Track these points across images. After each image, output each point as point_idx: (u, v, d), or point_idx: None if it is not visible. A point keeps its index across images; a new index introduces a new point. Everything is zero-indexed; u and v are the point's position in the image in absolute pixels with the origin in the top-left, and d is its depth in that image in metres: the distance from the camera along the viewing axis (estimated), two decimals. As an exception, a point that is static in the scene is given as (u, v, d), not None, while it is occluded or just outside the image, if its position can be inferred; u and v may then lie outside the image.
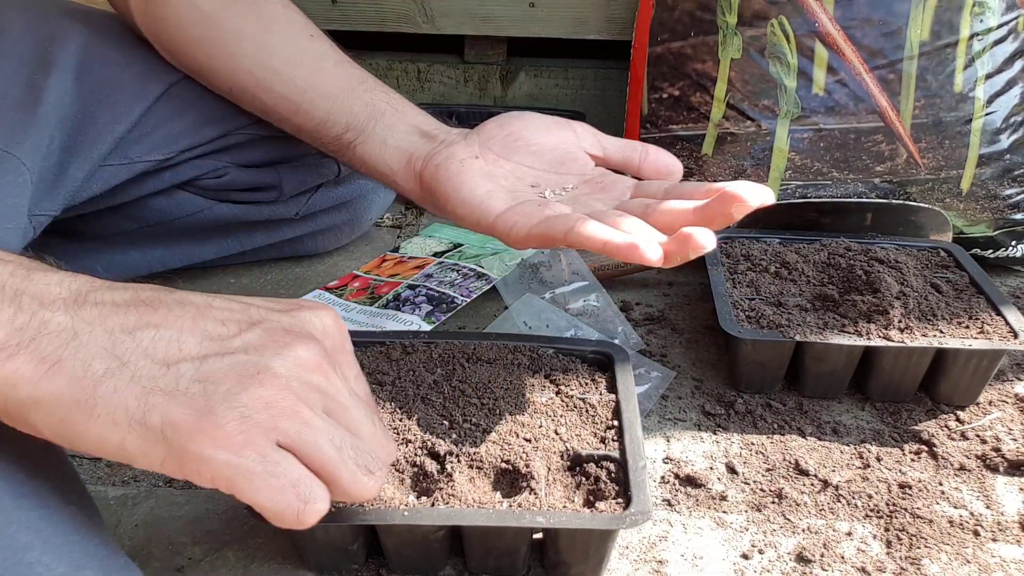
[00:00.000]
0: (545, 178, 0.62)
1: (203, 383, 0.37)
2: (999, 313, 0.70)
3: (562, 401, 0.59)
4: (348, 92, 0.68)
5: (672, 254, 0.48)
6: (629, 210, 0.55)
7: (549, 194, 0.60)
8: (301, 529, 0.38)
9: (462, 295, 0.80)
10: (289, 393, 0.38)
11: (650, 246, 0.48)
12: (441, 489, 0.51)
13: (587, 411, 0.58)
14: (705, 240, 0.46)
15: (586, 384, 0.61)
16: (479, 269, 0.85)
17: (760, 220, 0.86)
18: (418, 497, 0.52)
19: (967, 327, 0.68)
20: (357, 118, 0.67)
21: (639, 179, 0.62)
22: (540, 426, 0.57)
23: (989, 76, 0.83)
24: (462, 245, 0.91)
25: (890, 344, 0.66)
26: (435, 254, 0.90)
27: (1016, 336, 0.67)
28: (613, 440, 0.55)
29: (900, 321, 0.67)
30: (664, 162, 0.63)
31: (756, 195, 0.48)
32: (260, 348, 0.39)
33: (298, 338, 0.40)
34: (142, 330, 0.38)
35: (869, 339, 0.66)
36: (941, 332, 0.67)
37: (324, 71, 0.69)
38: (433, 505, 0.50)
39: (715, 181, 0.87)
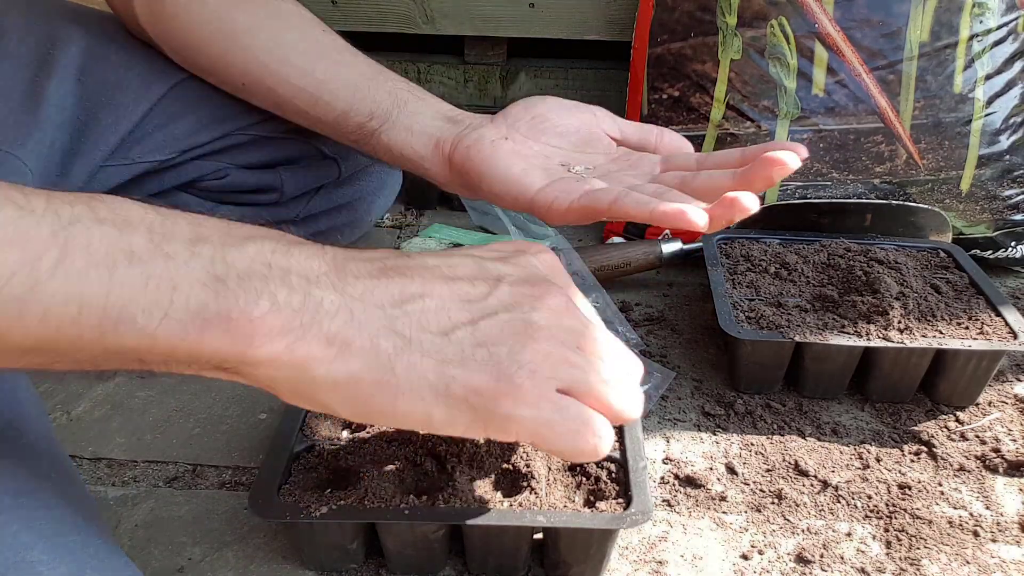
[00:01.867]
0: (573, 157, 0.64)
1: (485, 347, 0.39)
2: (998, 314, 0.70)
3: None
4: (370, 81, 0.68)
5: (717, 218, 0.49)
6: (665, 183, 0.56)
7: (580, 170, 0.62)
8: (586, 460, 0.43)
9: None
10: (556, 342, 0.40)
11: (696, 211, 0.49)
12: (441, 489, 0.51)
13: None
14: (750, 203, 0.48)
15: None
16: None
17: (760, 221, 0.86)
18: (418, 496, 0.52)
19: (967, 328, 0.68)
20: (380, 106, 0.68)
21: None
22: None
23: (989, 77, 0.83)
24: (462, 246, 0.91)
25: (889, 345, 0.66)
26: None
27: (1015, 337, 0.67)
28: (613, 440, 0.55)
29: (900, 322, 0.67)
30: (677, 144, 0.65)
31: (794, 158, 0.50)
32: (516, 305, 0.41)
33: (541, 288, 0.42)
34: (409, 302, 0.39)
35: (869, 340, 0.66)
36: (940, 333, 0.67)
37: (343, 62, 0.70)
38: (433, 504, 0.50)
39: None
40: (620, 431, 0.56)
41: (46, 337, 0.33)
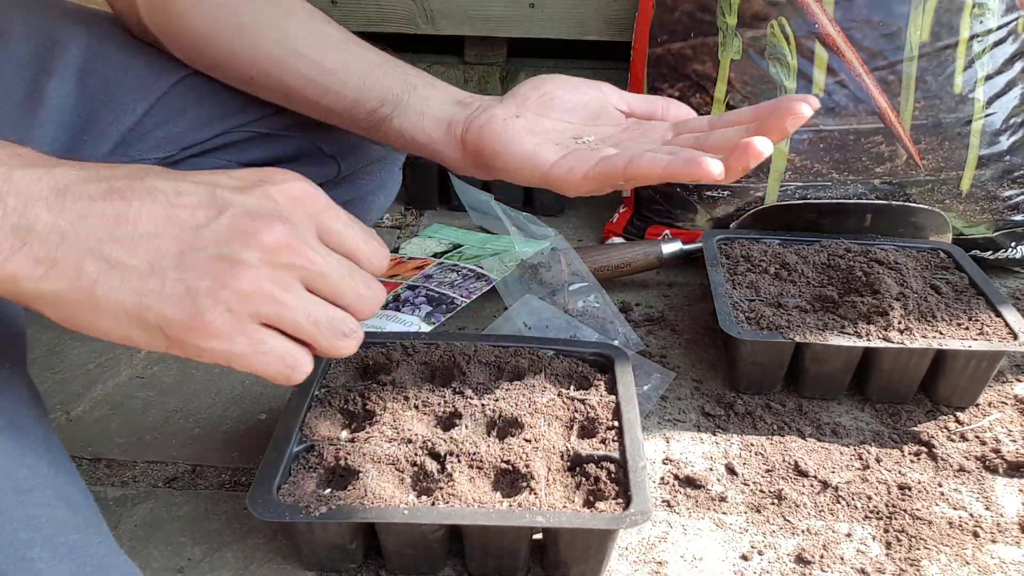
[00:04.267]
0: (585, 130, 0.65)
1: (185, 281, 0.41)
2: (999, 314, 0.70)
3: (562, 402, 0.59)
4: (378, 68, 0.69)
5: (732, 166, 0.50)
6: (679, 144, 0.57)
7: (591, 140, 0.63)
8: (292, 385, 0.43)
9: (462, 295, 0.80)
10: (263, 279, 0.42)
11: (711, 160, 0.50)
12: (441, 489, 0.51)
13: (587, 412, 0.58)
14: (764, 147, 0.48)
15: (586, 385, 0.61)
16: (479, 270, 0.84)
17: (760, 221, 0.86)
18: (418, 496, 0.52)
19: (967, 328, 0.68)
20: (391, 92, 0.68)
21: None
22: (540, 426, 0.57)
23: (989, 77, 0.83)
24: (462, 246, 0.91)
25: (889, 345, 0.66)
26: (435, 255, 0.90)
27: (1016, 337, 0.67)
28: (613, 441, 0.55)
29: (900, 322, 0.67)
30: (684, 114, 0.66)
31: (807, 108, 0.51)
32: (229, 240, 0.42)
33: (264, 222, 0.42)
34: (122, 227, 0.41)
35: (868, 340, 0.66)
36: (940, 333, 0.67)
37: (352, 52, 0.70)
38: (433, 504, 0.50)
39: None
40: (620, 432, 0.56)
41: None
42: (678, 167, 0.52)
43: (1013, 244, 0.87)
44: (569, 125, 0.65)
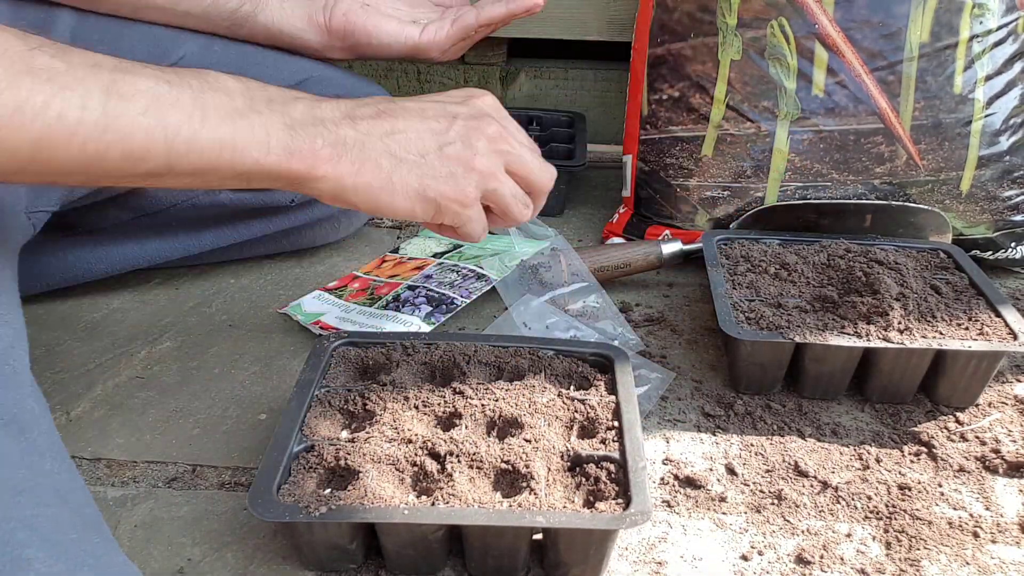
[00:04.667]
0: (415, 14, 0.82)
1: (447, 166, 0.57)
2: (998, 315, 0.70)
3: (562, 402, 0.59)
4: None
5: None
6: None
7: (425, 21, 0.81)
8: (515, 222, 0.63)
9: (461, 295, 0.80)
10: (490, 164, 0.59)
11: None
12: (441, 489, 0.51)
13: (587, 412, 0.58)
14: None
15: (586, 385, 0.61)
16: (479, 270, 0.84)
17: (760, 222, 0.86)
18: (418, 497, 0.52)
19: (967, 329, 0.68)
20: None
21: None
22: (540, 427, 0.57)
23: (989, 78, 0.83)
24: (462, 246, 0.91)
25: (889, 345, 0.66)
26: (435, 255, 0.90)
27: (1016, 338, 0.67)
28: (613, 441, 0.55)
29: (899, 323, 0.67)
30: None
31: None
32: (466, 136, 0.58)
33: (484, 122, 0.60)
34: (398, 133, 0.57)
35: (868, 340, 0.66)
36: (940, 334, 0.67)
37: None
38: (433, 505, 0.50)
39: (714, 181, 0.87)
40: (620, 432, 0.56)
41: (201, 168, 0.50)
42: (514, 5, 0.78)
43: (1013, 244, 0.87)
44: (400, 9, 0.82)
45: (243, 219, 0.85)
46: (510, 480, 0.53)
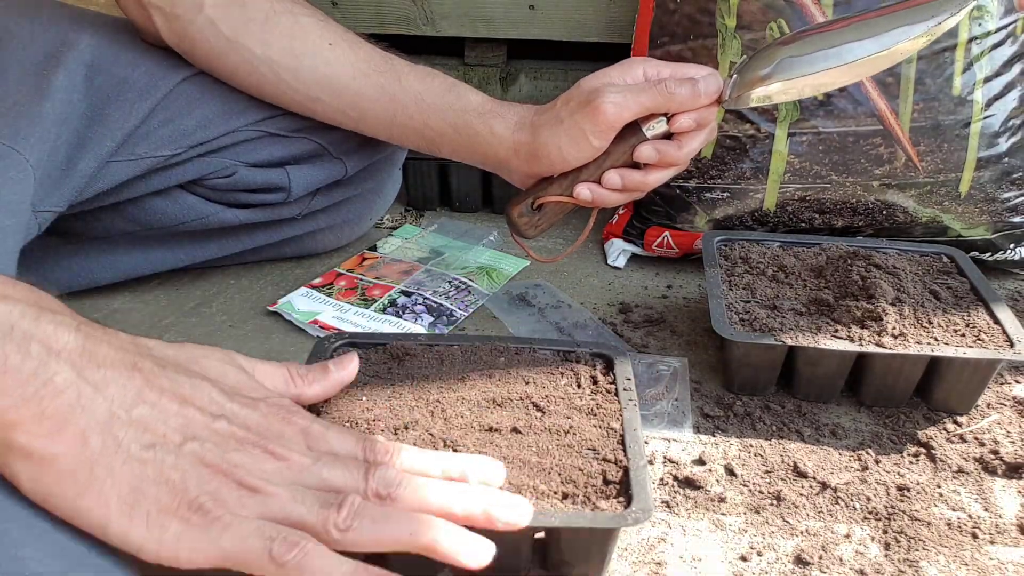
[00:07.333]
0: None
1: (180, 471, 0.40)
2: (997, 321, 0.69)
3: (562, 402, 0.59)
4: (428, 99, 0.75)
5: None
6: None
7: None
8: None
9: (459, 308, 0.81)
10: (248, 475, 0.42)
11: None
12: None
13: (588, 411, 0.58)
14: None
15: (586, 384, 0.61)
16: (469, 283, 0.86)
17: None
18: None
19: (963, 335, 0.68)
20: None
21: None
22: (540, 427, 0.57)
23: (987, 79, 0.83)
24: (444, 254, 0.92)
25: (882, 351, 0.66)
26: (419, 260, 0.91)
27: (1012, 345, 0.66)
28: (614, 440, 0.55)
29: (894, 327, 0.67)
30: None
31: None
32: (223, 443, 0.42)
33: (260, 439, 0.43)
34: (138, 405, 0.40)
35: (861, 345, 0.66)
36: (935, 340, 0.67)
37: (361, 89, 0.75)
38: (433, 506, 0.50)
39: (713, 182, 0.88)
40: (621, 431, 0.56)
41: None
42: None
43: (1012, 246, 0.87)
44: None
45: (248, 230, 0.85)
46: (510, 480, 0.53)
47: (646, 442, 0.65)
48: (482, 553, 0.42)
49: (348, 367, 0.55)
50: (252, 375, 0.48)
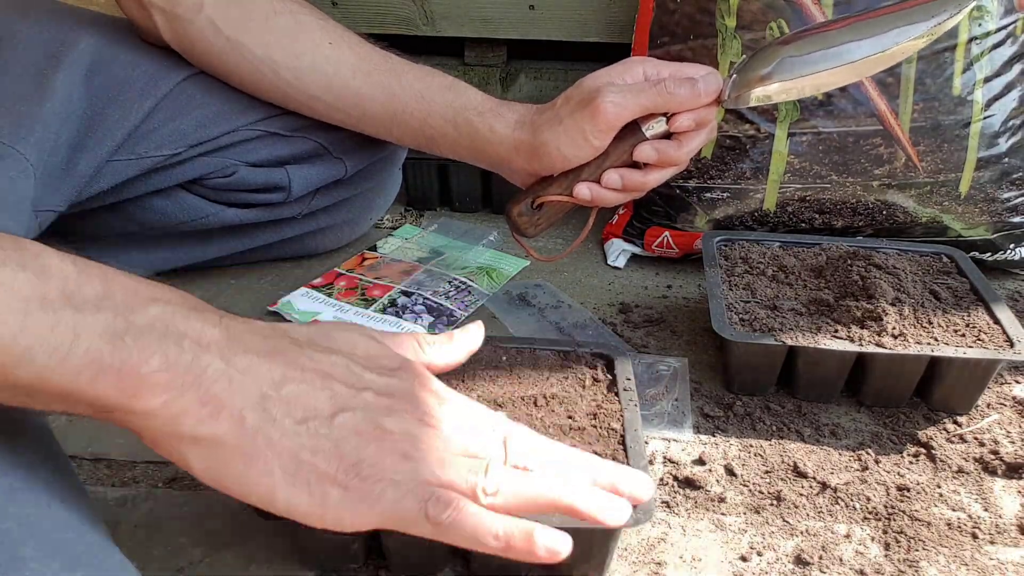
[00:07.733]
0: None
1: (334, 440, 0.42)
2: (997, 321, 0.69)
3: (563, 401, 0.59)
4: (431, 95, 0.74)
5: None
6: None
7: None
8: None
9: (459, 308, 0.81)
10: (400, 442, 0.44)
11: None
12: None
13: (588, 411, 0.58)
14: None
15: (587, 384, 0.61)
16: (469, 283, 0.86)
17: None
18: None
19: (963, 335, 0.68)
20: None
21: None
22: (541, 426, 0.57)
23: (987, 80, 0.83)
24: (444, 254, 0.92)
25: (882, 351, 0.66)
26: (419, 260, 0.91)
27: (1012, 345, 0.66)
28: (614, 440, 0.55)
29: (894, 327, 0.67)
30: None
31: None
32: (372, 409, 0.44)
33: (401, 402, 0.46)
34: (284, 385, 0.43)
35: (861, 345, 0.66)
36: (935, 340, 0.67)
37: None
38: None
39: (713, 182, 0.88)
40: (621, 431, 0.56)
41: None
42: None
43: (1012, 246, 0.87)
44: None
45: (249, 230, 0.85)
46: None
47: (646, 442, 0.65)
48: (622, 512, 0.46)
49: (475, 334, 0.57)
50: (384, 344, 0.50)
